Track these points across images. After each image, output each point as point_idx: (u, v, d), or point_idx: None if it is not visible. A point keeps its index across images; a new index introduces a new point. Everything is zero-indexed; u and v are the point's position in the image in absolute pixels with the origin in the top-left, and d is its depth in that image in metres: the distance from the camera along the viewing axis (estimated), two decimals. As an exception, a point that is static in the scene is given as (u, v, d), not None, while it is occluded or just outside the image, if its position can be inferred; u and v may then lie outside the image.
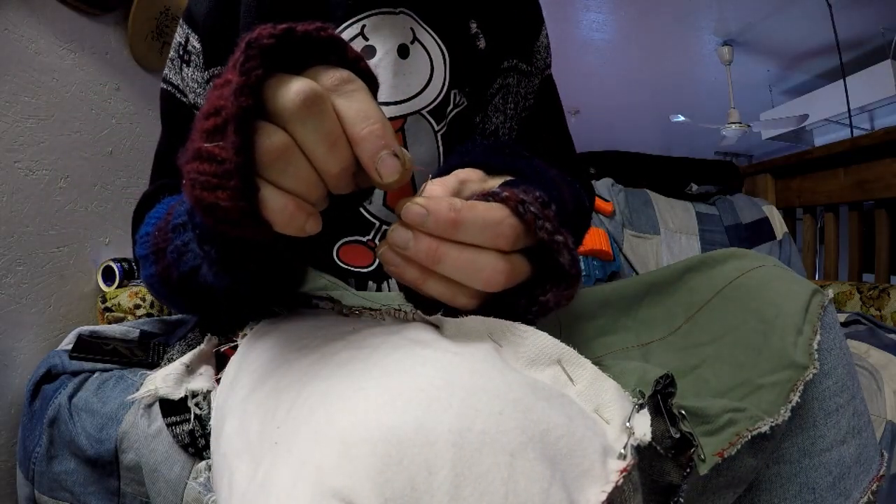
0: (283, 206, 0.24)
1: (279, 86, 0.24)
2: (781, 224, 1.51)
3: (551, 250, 0.29)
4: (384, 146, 0.25)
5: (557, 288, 0.31)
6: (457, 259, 0.27)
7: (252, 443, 0.27)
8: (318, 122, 0.24)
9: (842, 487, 0.32)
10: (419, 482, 0.20)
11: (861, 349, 0.85)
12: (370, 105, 0.25)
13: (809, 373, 0.31)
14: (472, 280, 0.28)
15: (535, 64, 0.59)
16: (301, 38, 0.24)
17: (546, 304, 0.31)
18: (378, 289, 0.52)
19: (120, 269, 0.97)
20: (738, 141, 3.60)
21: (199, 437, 0.45)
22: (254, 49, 0.23)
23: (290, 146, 0.24)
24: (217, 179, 0.23)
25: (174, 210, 0.38)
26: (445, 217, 0.27)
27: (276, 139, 0.24)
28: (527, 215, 0.28)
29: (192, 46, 0.54)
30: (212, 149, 0.23)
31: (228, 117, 0.23)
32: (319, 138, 0.24)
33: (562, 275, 0.30)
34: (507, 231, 0.28)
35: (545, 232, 0.29)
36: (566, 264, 0.30)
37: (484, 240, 0.28)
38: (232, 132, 0.23)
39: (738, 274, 0.37)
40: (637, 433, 0.25)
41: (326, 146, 0.24)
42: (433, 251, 0.27)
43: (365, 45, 0.49)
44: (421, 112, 0.50)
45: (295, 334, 0.33)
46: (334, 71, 0.25)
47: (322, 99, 0.24)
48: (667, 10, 2.93)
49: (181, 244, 0.36)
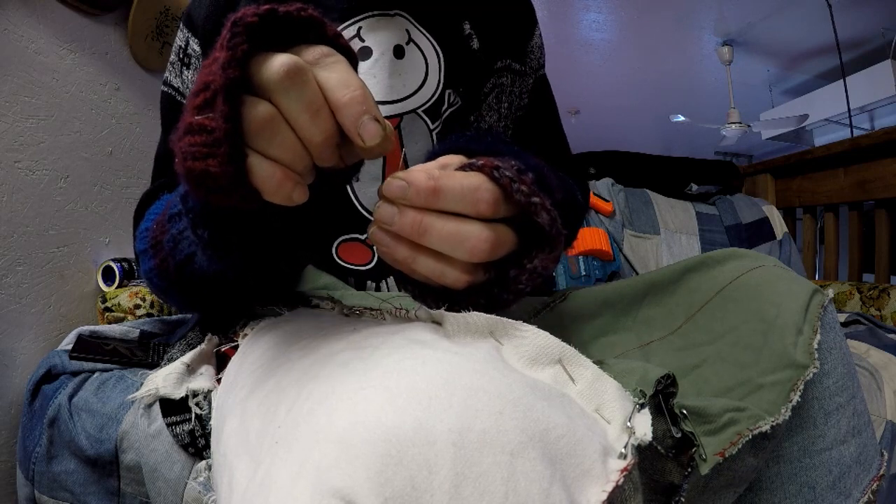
0: (270, 174, 0.25)
1: (264, 61, 0.25)
2: (781, 224, 1.51)
3: (528, 212, 0.30)
4: (365, 111, 0.26)
5: (542, 252, 0.31)
6: (441, 229, 0.28)
7: (252, 442, 0.27)
8: (301, 91, 0.25)
9: (842, 487, 0.32)
10: (419, 482, 0.20)
11: (861, 349, 0.85)
12: (350, 74, 0.26)
13: (810, 372, 0.31)
14: (457, 251, 0.29)
15: (528, 64, 0.60)
16: (283, 17, 0.25)
17: (535, 270, 0.31)
18: (377, 288, 0.52)
19: (120, 269, 0.97)
20: (738, 141, 3.60)
21: (199, 436, 0.45)
22: (239, 27, 0.24)
23: (275, 116, 0.25)
24: (207, 148, 0.24)
25: (171, 203, 0.39)
26: (425, 186, 0.27)
27: (262, 109, 0.25)
28: (502, 179, 0.29)
29: (192, 49, 0.54)
30: (202, 121, 0.24)
31: (217, 89, 0.24)
32: (302, 107, 0.25)
33: (544, 238, 0.31)
34: (486, 196, 0.29)
35: (521, 194, 0.29)
36: (545, 224, 0.30)
37: (464, 206, 0.28)
38: (221, 102, 0.24)
39: (738, 274, 0.37)
40: (638, 433, 0.25)
41: (309, 115, 0.25)
42: (418, 223, 0.28)
43: (361, 46, 0.50)
44: (416, 111, 0.51)
45: (295, 334, 0.33)
46: (315, 47, 0.26)
47: (304, 70, 0.25)
48: (667, 10, 2.92)
49: (177, 232, 0.37)
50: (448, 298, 0.33)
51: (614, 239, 1.38)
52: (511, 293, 0.32)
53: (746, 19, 3.02)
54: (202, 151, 0.24)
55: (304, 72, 0.25)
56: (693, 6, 2.89)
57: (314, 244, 0.51)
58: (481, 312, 0.30)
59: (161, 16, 1.10)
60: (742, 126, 3.37)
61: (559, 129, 0.65)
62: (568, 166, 0.61)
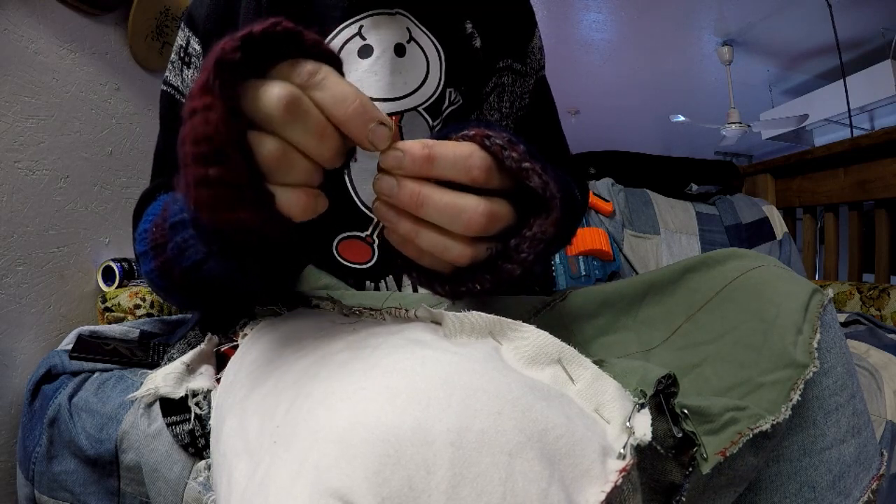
0: (297, 200, 0.26)
1: (256, 94, 0.25)
2: (781, 224, 1.51)
3: (521, 177, 0.31)
4: (369, 120, 0.26)
5: (539, 217, 0.32)
6: (439, 201, 0.29)
7: (251, 442, 0.27)
8: (304, 121, 0.25)
9: (842, 486, 0.32)
10: (417, 481, 0.20)
11: (861, 349, 0.85)
12: (342, 87, 0.26)
13: (810, 371, 0.31)
14: (455, 223, 0.29)
15: (529, 64, 0.61)
16: (261, 38, 0.25)
17: (535, 237, 0.32)
18: (376, 287, 0.52)
19: (120, 269, 0.97)
20: (738, 141, 3.60)
21: (199, 436, 0.45)
22: (226, 71, 0.24)
23: (286, 149, 0.26)
24: (234, 200, 0.25)
25: (169, 207, 0.39)
26: (420, 153, 0.28)
27: (272, 146, 0.25)
28: (493, 147, 0.30)
29: (192, 49, 0.55)
30: (218, 174, 0.24)
31: (226, 143, 0.24)
32: (309, 135, 0.26)
33: (540, 202, 0.32)
34: (478, 162, 0.30)
35: (512, 160, 0.30)
36: (538, 188, 0.31)
37: (458, 173, 0.29)
38: (236, 156, 0.24)
39: (738, 274, 0.37)
40: (637, 433, 0.25)
41: (317, 139, 0.26)
42: (416, 193, 0.29)
43: (363, 44, 0.51)
44: (417, 109, 0.52)
45: (295, 334, 0.33)
46: (299, 66, 0.26)
47: (300, 99, 0.25)
48: (667, 10, 2.92)
49: (181, 241, 0.37)
50: (454, 280, 0.33)
51: (614, 239, 1.38)
52: (515, 263, 0.32)
53: (746, 19, 3.02)
54: (229, 203, 0.25)
55: (301, 100, 0.25)
56: (693, 6, 2.89)
57: (315, 242, 0.51)
58: (481, 312, 0.30)
59: (161, 16, 1.10)
60: (742, 126, 3.37)
61: (559, 129, 0.66)
62: (567, 167, 0.61)
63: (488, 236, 0.31)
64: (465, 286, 0.33)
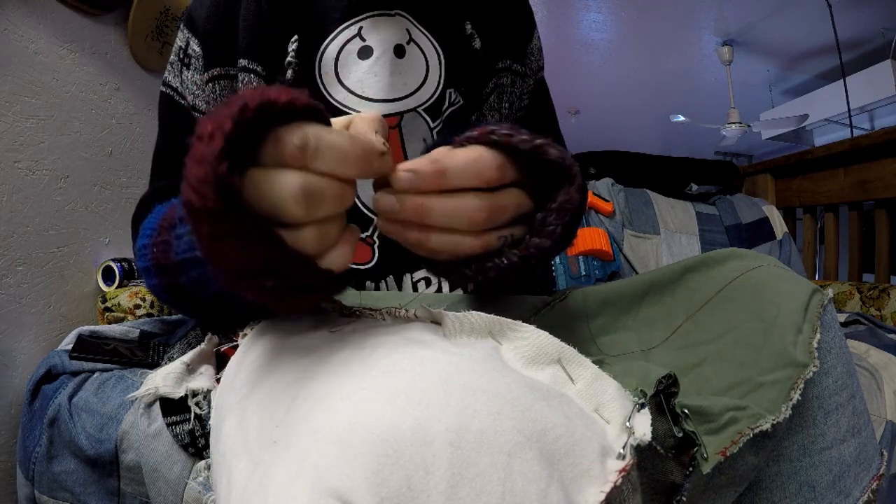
0: (345, 253, 0.27)
1: (267, 192, 0.24)
2: (781, 224, 1.51)
3: (537, 153, 0.31)
4: (371, 161, 0.27)
5: (561, 189, 0.32)
6: (442, 207, 0.30)
7: (251, 442, 0.27)
8: (324, 200, 0.25)
9: (842, 486, 0.32)
10: (416, 481, 0.20)
11: (861, 349, 0.85)
12: (336, 146, 0.25)
13: (809, 371, 0.31)
14: (458, 222, 0.30)
15: (528, 65, 0.61)
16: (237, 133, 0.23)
17: (561, 207, 0.32)
18: (376, 288, 0.52)
19: (120, 269, 0.97)
20: (738, 141, 3.60)
21: (199, 436, 0.45)
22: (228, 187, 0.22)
23: (320, 229, 0.26)
24: (299, 295, 0.27)
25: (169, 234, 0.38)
26: (431, 170, 0.29)
27: (311, 235, 0.25)
28: (501, 139, 0.31)
29: (192, 50, 0.55)
30: (276, 284, 0.25)
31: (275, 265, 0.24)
32: (333, 206, 0.26)
33: (560, 174, 0.32)
34: (489, 164, 0.30)
35: (524, 143, 0.31)
36: (557, 158, 0.31)
37: (471, 179, 0.30)
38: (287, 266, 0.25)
39: (738, 274, 0.37)
40: (637, 433, 0.25)
41: (340, 203, 0.26)
42: (419, 206, 0.29)
43: (362, 46, 0.51)
44: (417, 110, 0.52)
45: (295, 334, 0.33)
46: (287, 141, 0.24)
47: (312, 186, 0.24)
48: (667, 10, 2.92)
49: (197, 276, 0.36)
50: (479, 261, 0.33)
51: (614, 239, 1.38)
52: (544, 236, 0.33)
53: (746, 19, 3.02)
54: (292, 299, 0.27)
55: (312, 185, 0.24)
56: (693, 6, 2.89)
57: None
58: (481, 312, 0.30)
59: (161, 16, 1.10)
60: (742, 126, 3.37)
61: (557, 130, 0.66)
62: None
63: (502, 225, 0.32)
64: (492, 263, 0.33)
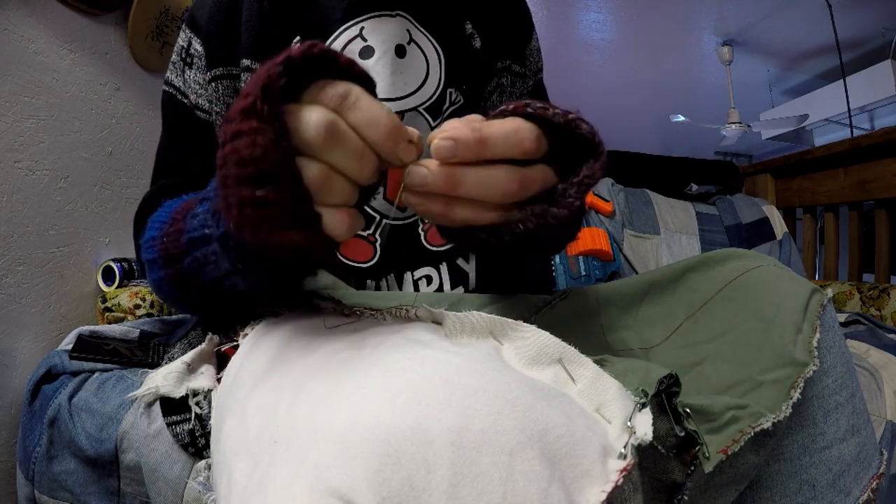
0: (340, 221, 0.27)
1: (296, 119, 0.26)
2: (781, 224, 1.51)
3: (570, 128, 0.31)
4: (400, 140, 0.27)
5: (586, 164, 0.33)
6: (475, 178, 0.29)
7: (251, 442, 0.27)
8: (343, 145, 0.26)
9: (842, 485, 0.32)
10: (417, 481, 0.20)
11: (861, 349, 0.85)
12: (374, 110, 0.27)
13: (809, 370, 0.31)
14: (490, 194, 0.30)
15: (528, 66, 0.62)
16: (300, 61, 0.26)
17: (582, 181, 0.32)
18: (377, 287, 0.52)
19: (120, 269, 0.97)
20: (738, 141, 3.60)
21: (199, 436, 0.45)
22: (274, 95, 0.25)
23: (328, 172, 0.27)
24: (284, 221, 0.26)
25: (185, 221, 0.38)
26: (472, 138, 0.28)
27: (316, 170, 0.26)
28: (537, 111, 0.31)
29: (194, 49, 0.55)
30: (267, 195, 0.25)
31: (276, 165, 0.25)
32: (348, 158, 0.27)
33: (587, 147, 0.32)
34: (528, 135, 0.30)
35: (559, 116, 0.31)
36: (587, 134, 0.32)
37: (511, 149, 0.30)
38: (286, 178, 0.25)
39: (737, 274, 0.38)
40: (638, 432, 0.25)
41: (356, 161, 0.27)
42: (452, 177, 0.29)
43: (364, 46, 0.51)
44: (418, 109, 0.52)
45: (296, 334, 0.33)
46: (332, 87, 0.27)
47: (337, 125, 0.26)
48: (667, 10, 2.92)
49: (201, 256, 0.36)
50: (496, 231, 0.33)
51: (614, 239, 1.38)
52: (563, 207, 0.33)
53: (746, 19, 3.02)
54: (276, 223, 0.26)
55: (338, 126, 0.26)
56: (693, 6, 2.89)
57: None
58: (482, 312, 0.30)
59: (161, 16, 1.10)
60: (742, 126, 3.37)
61: None
62: None
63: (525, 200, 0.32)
64: (509, 228, 0.33)
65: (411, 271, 0.53)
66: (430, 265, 0.54)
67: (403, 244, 0.52)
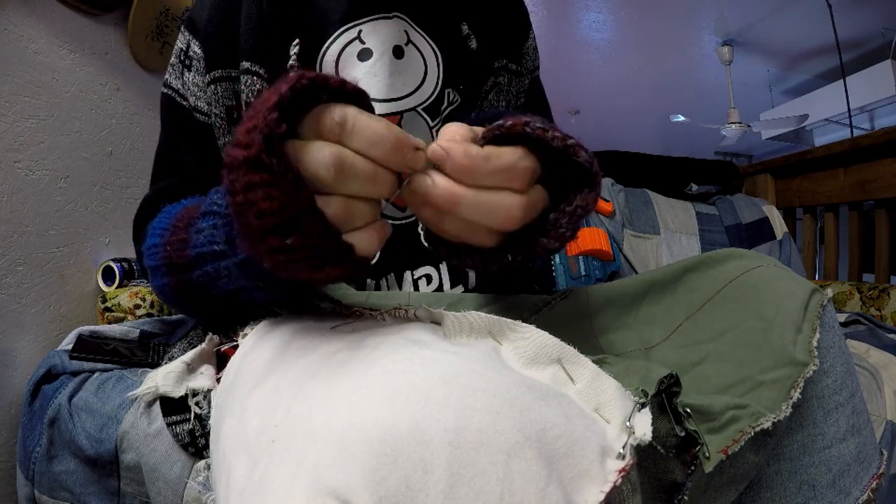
0: (370, 239, 0.28)
1: (302, 160, 0.26)
2: (781, 224, 1.51)
3: (568, 154, 0.31)
4: (405, 152, 0.27)
5: (581, 192, 0.32)
6: (473, 202, 0.29)
7: (250, 441, 0.27)
8: (354, 175, 0.26)
9: (842, 485, 0.32)
10: (414, 481, 0.20)
11: (861, 349, 0.85)
12: (373, 129, 0.27)
13: (809, 370, 0.31)
14: (490, 221, 0.30)
15: (524, 65, 0.62)
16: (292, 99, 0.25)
17: (575, 211, 0.32)
18: (377, 287, 0.52)
19: (120, 269, 0.97)
20: (738, 141, 3.60)
21: (199, 436, 0.45)
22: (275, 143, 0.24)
23: (348, 203, 0.27)
24: (319, 261, 0.27)
25: (187, 231, 0.38)
26: (460, 163, 0.28)
27: (338, 205, 0.26)
28: (535, 132, 0.30)
29: (193, 52, 0.55)
30: (297, 243, 0.25)
31: (299, 214, 0.25)
32: (363, 184, 0.27)
33: (583, 176, 0.32)
34: (521, 173, 0.30)
35: (557, 140, 0.30)
36: (585, 162, 0.31)
37: (502, 182, 0.29)
38: (310, 222, 0.25)
39: (737, 274, 0.37)
40: (637, 432, 0.25)
41: (371, 185, 0.27)
42: (450, 195, 0.29)
43: (362, 48, 0.51)
44: (416, 109, 0.53)
45: (295, 334, 0.33)
46: (328, 116, 0.26)
47: (343, 157, 0.26)
48: (667, 10, 2.92)
49: (212, 271, 0.36)
50: (484, 254, 0.33)
51: (614, 239, 1.38)
52: (553, 238, 0.32)
53: (746, 19, 3.02)
54: (312, 265, 0.27)
55: (346, 158, 0.26)
56: (693, 6, 2.89)
57: None
58: (481, 312, 0.30)
59: (161, 16, 1.10)
60: (742, 126, 3.37)
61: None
62: None
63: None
64: (496, 258, 0.33)
65: (411, 270, 0.53)
66: (429, 264, 0.54)
67: (403, 243, 0.53)
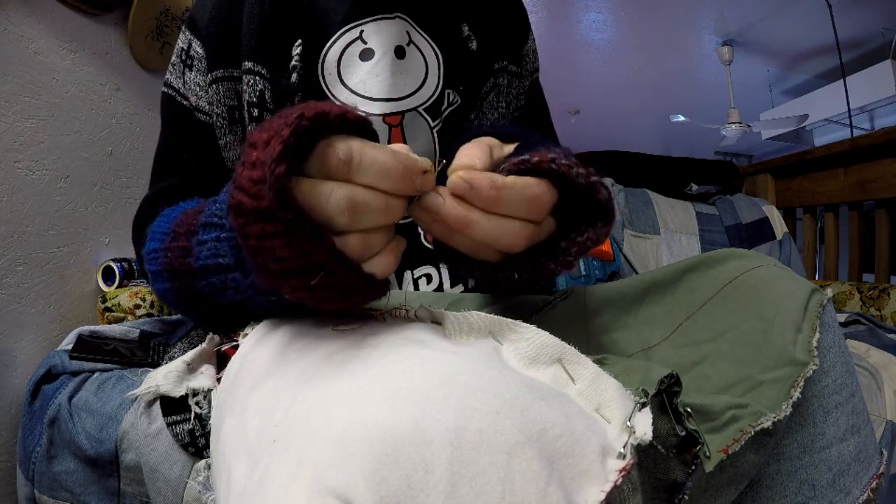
0: (388, 262, 0.29)
1: (313, 205, 0.26)
2: (781, 224, 1.51)
3: (591, 191, 0.32)
4: (414, 178, 0.27)
5: (594, 227, 0.33)
6: (484, 228, 0.30)
7: (250, 441, 0.27)
8: (367, 211, 0.27)
9: (841, 485, 0.32)
10: (415, 481, 0.20)
11: (861, 349, 0.85)
12: (380, 161, 0.26)
13: (809, 369, 0.31)
14: (496, 244, 0.30)
15: (524, 66, 0.62)
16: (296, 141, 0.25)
17: (584, 243, 0.33)
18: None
19: (120, 269, 0.97)
20: (738, 141, 3.60)
21: (199, 436, 0.45)
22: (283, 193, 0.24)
23: (364, 237, 0.27)
24: (345, 294, 0.27)
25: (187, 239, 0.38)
26: (487, 194, 0.29)
27: (355, 241, 0.27)
28: (561, 168, 0.31)
29: (194, 52, 0.55)
30: (322, 283, 0.26)
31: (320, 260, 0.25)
32: (377, 217, 0.27)
33: (600, 212, 0.33)
34: (542, 206, 0.31)
35: (582, 177, 0.31)
36: (605, 200, 0.32)
37: (520, 213, 0.30)
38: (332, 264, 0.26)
39: (737, 274, 0.37)
40: (638, 432, 0.25)
41: (384, 216, 0.27)
42: (463, 218, 0.29)
43: (364, 48, 0.51)
44: (417, 109, 0.53)
45: (295, 334, 0.33)
46: (334, 154, 0.26)
47: (355, 196, 0.26)
48: (667, 10, 2.93)
49: (218, 282, 0.37)
50: (490, 269, 0.34)
51: (614, 239, 1.38)
52: (559, 264, 0.33)
53: (746, 19, 3.02)
54: (338, 299, 0.27)
55: (357, 196, 0.26)
56: (693, 6, 2.90)
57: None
58: (481, 312, 0.30)
59: (161, 16, 1.10)
60: (742, 126, 3.37)
61: (552, 129, 0.68)
62: None
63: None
64: (502, 275, 0.34)
65: (411, 270, 0.53)
66: (429, 264, 0.54)
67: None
